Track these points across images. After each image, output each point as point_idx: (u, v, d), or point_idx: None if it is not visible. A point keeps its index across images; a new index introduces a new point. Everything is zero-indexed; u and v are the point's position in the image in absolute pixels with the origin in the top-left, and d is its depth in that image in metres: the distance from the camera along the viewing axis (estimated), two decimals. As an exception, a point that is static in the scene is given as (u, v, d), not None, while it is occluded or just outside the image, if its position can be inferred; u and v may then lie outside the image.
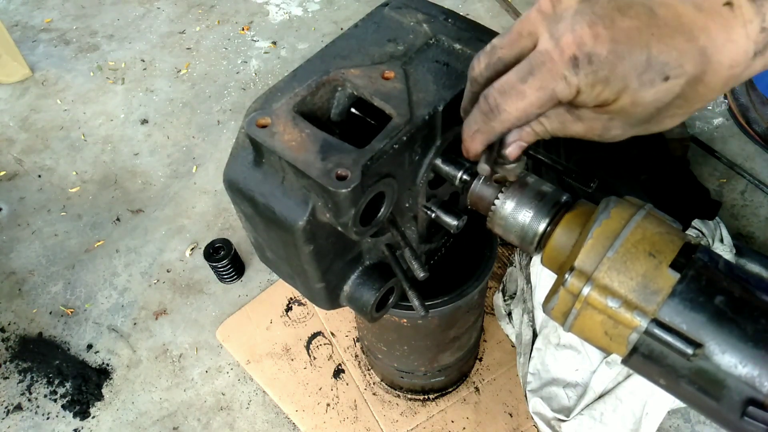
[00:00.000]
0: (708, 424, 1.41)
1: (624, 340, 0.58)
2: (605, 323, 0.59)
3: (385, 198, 0.67)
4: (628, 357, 0.59)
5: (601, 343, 0.61)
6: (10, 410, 1.52)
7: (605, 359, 1.33)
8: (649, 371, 0.60)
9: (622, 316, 0.57)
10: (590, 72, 0.50)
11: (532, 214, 0.68)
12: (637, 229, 0.59)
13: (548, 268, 0.70)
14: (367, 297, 0.79)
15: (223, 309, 1.67)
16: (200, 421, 1.48)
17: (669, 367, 0.57)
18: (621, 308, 0.57)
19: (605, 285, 0.58)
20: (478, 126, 0.58)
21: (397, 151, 0.64)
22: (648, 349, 0.57)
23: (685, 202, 1.65)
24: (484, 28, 0.76)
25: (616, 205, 0.62)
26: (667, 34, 0.49)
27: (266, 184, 0.65)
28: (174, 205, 1.90)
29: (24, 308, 1.70)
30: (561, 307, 0.62)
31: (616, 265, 0.58)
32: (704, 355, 0.55)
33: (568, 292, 0.60)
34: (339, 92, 0.70)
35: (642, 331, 0.56)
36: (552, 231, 0.68)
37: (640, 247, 0.58)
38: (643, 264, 0.58)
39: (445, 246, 0.97)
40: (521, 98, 0.53)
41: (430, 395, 1.46)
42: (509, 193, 0.70)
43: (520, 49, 0.54)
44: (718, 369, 0.54)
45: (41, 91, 2.28)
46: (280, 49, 2.38)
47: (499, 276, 1.62)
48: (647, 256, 0.58)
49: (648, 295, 0.57)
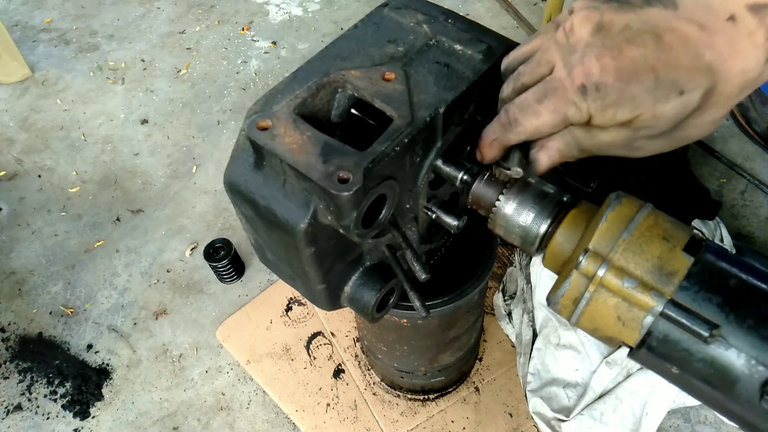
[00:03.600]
0: (708, 424, 1.41)
1: (638, 325, 0.58)
2: (619, 307, 0.58)
3: (386, 200, 0.67)
4: (640, 345, 0.59)
5: (612, 331, 0.60)
6: (10, 410, 1.52)
7: (605, 359, 1.33)
8: (660, 360, 0.59)
9: (637, 298, 0.57)
10: (598, 98, 0.55)
11: (534, 214, 0.69)
12: (649, 216, 0.60)
13: (550, 268, 0.70)
14: (368, 298, 0.79)
15: (223, 309, 1.67)
16: (200, 421, 1.49)
17: (683, 352, 0.56)
18: (637, 289, 0.57)
19: (621, 266, 0.58)
20: (496, 135, 0.65)
21: (398, 153, 0.64)
22: (662, 333, 0.57)
23: (685, 202, 1.66)
24: (484, 28, 0.76)
25: (625, 196, 0.63)
26: (672, 56, 0.53)
27: (267, 186, 0.65)
28: (174, 205, 1.90)
29: (24, 308, 1.70)
30: (572, 292, 0.61)
31: (631, 247, 0.58)
32: (720, 337, 0.54)
33: (581, 275, 0.60)
34: (339, 94, 0.69)
35: (658, 312, 0.56)
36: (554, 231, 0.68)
37: (654, 231, 0.59)
38: (658, 246, 0.58)
39: (444, 246, 0.97)
40: (536, 116, 0.60)
41: (430, 395, 1.47)
42: (511, 193, 0.70)
43: (539, 75, 0.61)
44: (733, 351, 0.54)
45: (41, 91, 2.28)
46: (280, 49, 2.38)
47: (499, 276, 1.63)
48: (661, 239, 0.58)
49: (664, 277, 0.57)
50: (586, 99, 0.56)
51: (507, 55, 0.67)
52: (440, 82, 0.69)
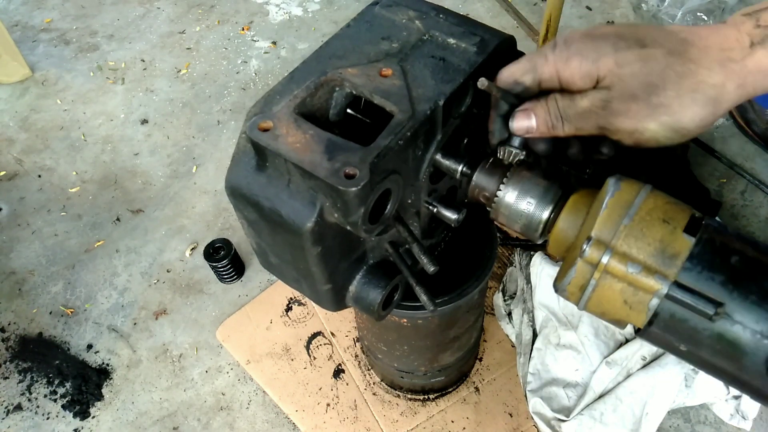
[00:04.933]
0: (708, 424, 1.41)
1: (644, 307, 0.59)
2: (625, 291, 0.59)
3: (391, 195, 0.67)
4: (648, 326, 0.60)
5: (620, 315, 0.61)
6: (10, 410, 1.52)
7: (605, 359, 1.33)
8: (669, 338, 0.60)
9: (642, 282, 0.58)
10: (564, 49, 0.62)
11: (536, 201, 0.70)
12: (648, 199, 0.61)
13: (555, 253, 0.71)
14: (373, 296, 0.79)
15: (223, 309, 1.67)
16: (200, 421, 1.49)
17: (690, 330, 0.58)
18: (641, 274, 0.58)
19: (624, 252, 0.59)
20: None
21: (401, 147, 0.64)
22: (669, 313, 0.58)
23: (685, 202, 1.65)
24: (475, 22, 0.76)
25: (624, 180, 0.64)
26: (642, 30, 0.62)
27: (271, 187, 0.65)
28: (174, 205, 1.90)
29: (24, 308, 1.70)
30: (578, 280, 0.62)
31: (633, 232, 0.59)
32: (725, 314, 0.55)
33: (586, 263, 0.61)
34: (337, 92, 0.70)
35: (663, 294, 0.57)
36: (556, 216, 0.68)
37: (654, 214, 0.60)
38: (659, 230, 0.59)
39: (444, 241, 0.98)
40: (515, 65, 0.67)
41: (430, 395, 1.47)
42: (511, 182, 0.71)
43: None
44: (739, 327, 0.55)
45: (41, 91, 2.28)
46: (280, 49, 2.38)
47: (499, 276, 1.63)
48: (662, 222, 0.59)
49: (666, 259, 0.58)
50: (554, 51, 0.63)
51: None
52: (437, 75, 0.69)
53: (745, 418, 1.37)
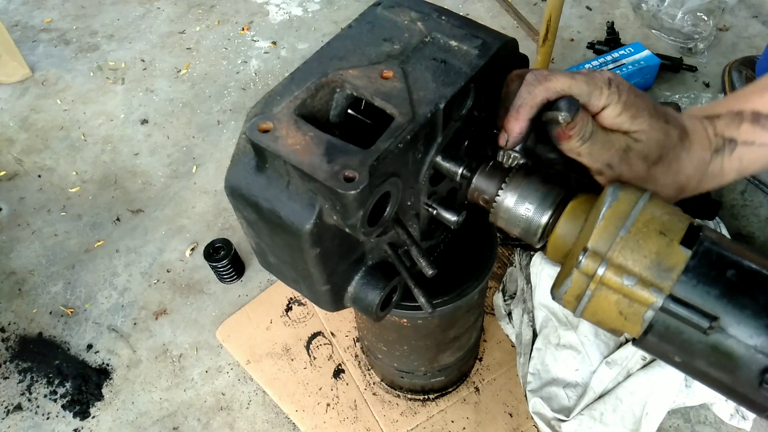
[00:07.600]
0: (708, 424, 1.41)
1: (639, 319, 0.59)
2: (620, 303, 0.59)
3: (390, 197, 0.67)
4: (643, 336, 0.60)
5: (616, 324, 0.62)
6: (10, 410, 1.52)
7: (605, 359, 1.33)
8: (664, 349, 0.60)
9: (637, 294, 0.58)
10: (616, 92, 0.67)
11: (535, 206, 0.70)
12: (645, 210, 0.61)
13: (553, 258, 0.71)
14: (372, 297, 0.79)
15: (223, 309, 1.67)
16: (200, 421, 1.49)
17: (685, 343, 0.58)
18: (636, 286, 0.58)
19: (620, 264, 0.59)
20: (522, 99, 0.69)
21: (401, 150, 0.64)
22: (664, 326, 0.58)
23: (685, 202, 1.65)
24: (478, 24, 0.76)
25: (622, 189, 0.63)
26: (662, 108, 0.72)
27: (270, 188, 0.65)
28: (174, 205, 1.90)
29: (24, 308, 1.70)
30: (574, 290, 0.62)
31: (629, 244, 0.59)
32: (720, 328, 0.56)
33: (582, 274, 0.61)
34: (337, 94, 0.69)
35: (658, 307, 0.57)
36: (556, 221, 0.68)
37: (651, 226, 0.60)
38: (655, 242, 0.59)
39: (443, 242, 0.98)
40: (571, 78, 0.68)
41: (430, 395, 1.47)
42: (511, 185, 0.71)
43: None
44: (733, 341, 0.56)
45: (41, 91, 2.28)
46: (280, 49, 2.38)
47: (499, 276, 1.63)
48: (658, 234, 0.59)
49: (662, 272, 0.58)
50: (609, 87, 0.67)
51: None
52: (438, 78, 0.69)
53: (745, 418, 1.37)
